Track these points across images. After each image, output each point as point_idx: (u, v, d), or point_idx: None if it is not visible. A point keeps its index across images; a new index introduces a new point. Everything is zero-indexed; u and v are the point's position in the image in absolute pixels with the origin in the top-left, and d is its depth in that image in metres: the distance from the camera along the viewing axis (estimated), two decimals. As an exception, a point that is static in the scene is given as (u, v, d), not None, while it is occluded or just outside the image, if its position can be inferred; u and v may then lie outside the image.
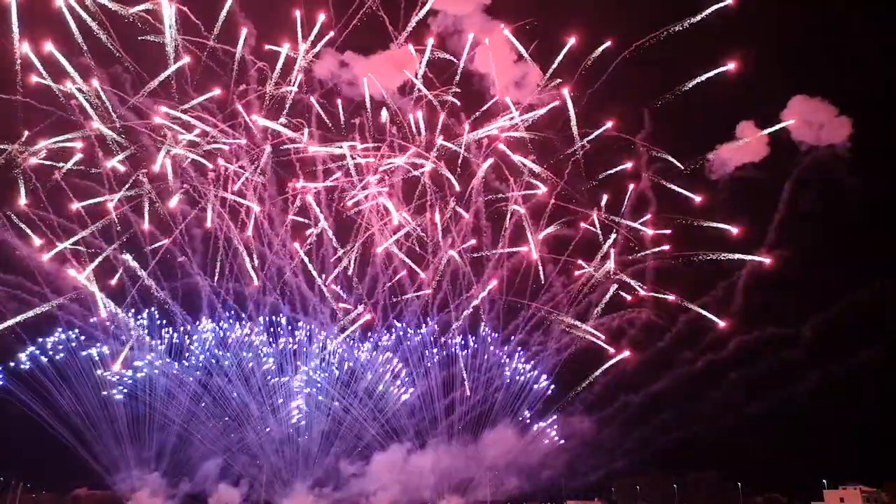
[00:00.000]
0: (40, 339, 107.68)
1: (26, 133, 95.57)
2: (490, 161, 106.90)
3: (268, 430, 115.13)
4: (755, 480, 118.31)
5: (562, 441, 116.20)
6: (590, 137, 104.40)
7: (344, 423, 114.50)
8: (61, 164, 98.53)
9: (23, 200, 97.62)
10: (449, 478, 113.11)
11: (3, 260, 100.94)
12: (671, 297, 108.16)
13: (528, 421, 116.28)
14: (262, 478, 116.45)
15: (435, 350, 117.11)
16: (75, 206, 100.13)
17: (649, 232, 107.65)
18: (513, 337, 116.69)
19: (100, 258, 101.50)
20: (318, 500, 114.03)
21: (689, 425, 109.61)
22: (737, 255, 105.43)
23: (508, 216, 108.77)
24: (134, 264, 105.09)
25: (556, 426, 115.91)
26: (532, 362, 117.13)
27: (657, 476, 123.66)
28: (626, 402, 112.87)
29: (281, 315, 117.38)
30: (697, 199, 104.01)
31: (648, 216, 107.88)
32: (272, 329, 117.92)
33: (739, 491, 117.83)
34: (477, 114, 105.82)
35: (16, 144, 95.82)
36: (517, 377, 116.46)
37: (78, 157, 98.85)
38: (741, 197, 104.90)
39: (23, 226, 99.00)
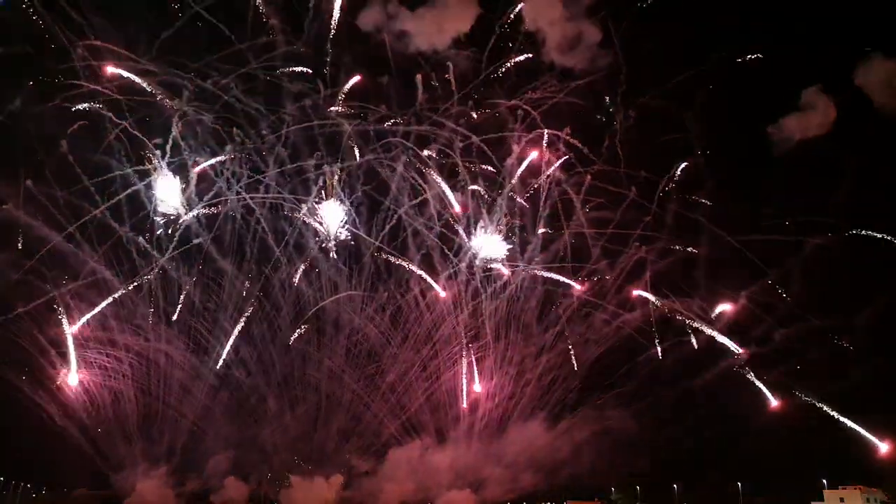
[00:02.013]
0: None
1: None
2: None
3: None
4: (755, 480, 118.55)
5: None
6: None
7: (363, 420, 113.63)
8: None
9: None
10: (465, 475, 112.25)
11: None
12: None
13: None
14: (268, 474, 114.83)
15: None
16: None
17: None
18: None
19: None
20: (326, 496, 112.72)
21: (719, 424, 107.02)
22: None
23: (543, 196, 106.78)
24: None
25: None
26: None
27: (657, 476, 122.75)
28: (660, 398, 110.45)
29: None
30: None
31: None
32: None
33: (739, 491, 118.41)
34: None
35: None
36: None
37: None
38: (805, 173, 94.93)
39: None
